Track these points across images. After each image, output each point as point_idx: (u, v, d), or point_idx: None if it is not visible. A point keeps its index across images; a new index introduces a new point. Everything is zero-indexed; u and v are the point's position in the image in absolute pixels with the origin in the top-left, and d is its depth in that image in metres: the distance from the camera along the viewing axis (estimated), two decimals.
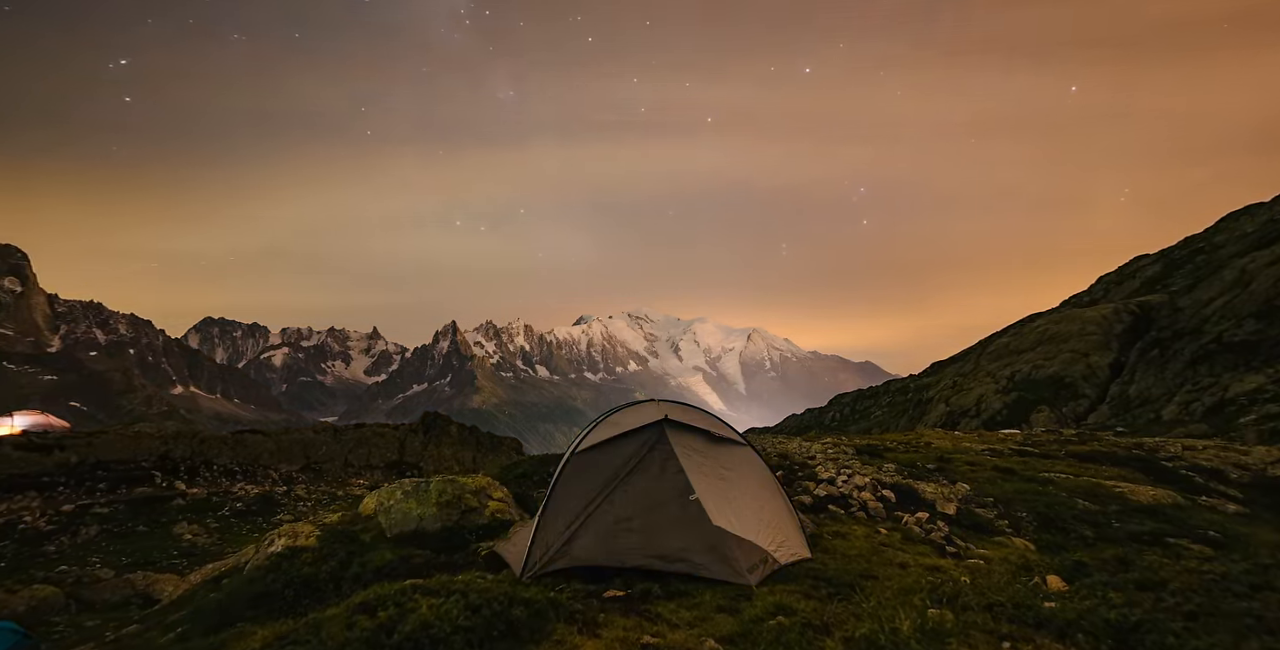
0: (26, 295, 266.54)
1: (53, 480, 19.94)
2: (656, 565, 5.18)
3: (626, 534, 5.31)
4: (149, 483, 21.31)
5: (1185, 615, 3.44)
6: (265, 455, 28.31)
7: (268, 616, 5.17)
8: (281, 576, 5.81)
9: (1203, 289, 35.15)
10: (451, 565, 6.01)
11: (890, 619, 3.85)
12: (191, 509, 17.97)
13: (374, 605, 4.21)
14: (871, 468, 10.13)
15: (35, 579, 10.95)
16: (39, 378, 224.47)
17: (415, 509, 7.40)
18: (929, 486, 8.91)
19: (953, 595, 4.23)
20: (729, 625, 4.19)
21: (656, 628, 4.24)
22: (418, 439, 36.21)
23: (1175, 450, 13.37)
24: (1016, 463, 11.79)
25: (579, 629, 4.17)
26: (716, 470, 5.84)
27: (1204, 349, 28.66)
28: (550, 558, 5.31)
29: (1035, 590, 4.31)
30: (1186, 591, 3.67)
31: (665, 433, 5.75)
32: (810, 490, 8.74)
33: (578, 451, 5.84)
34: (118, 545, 14.29)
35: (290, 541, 7.12)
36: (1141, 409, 27.48)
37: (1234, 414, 21.78)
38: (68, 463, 21.49)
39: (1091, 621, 3.55)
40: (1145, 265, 50.44)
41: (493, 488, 8.19)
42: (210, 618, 5.56)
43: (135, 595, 10.24)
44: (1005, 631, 3.74)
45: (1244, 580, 3.70)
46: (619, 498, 5.45)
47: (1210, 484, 10.63)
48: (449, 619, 3.94)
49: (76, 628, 8.44)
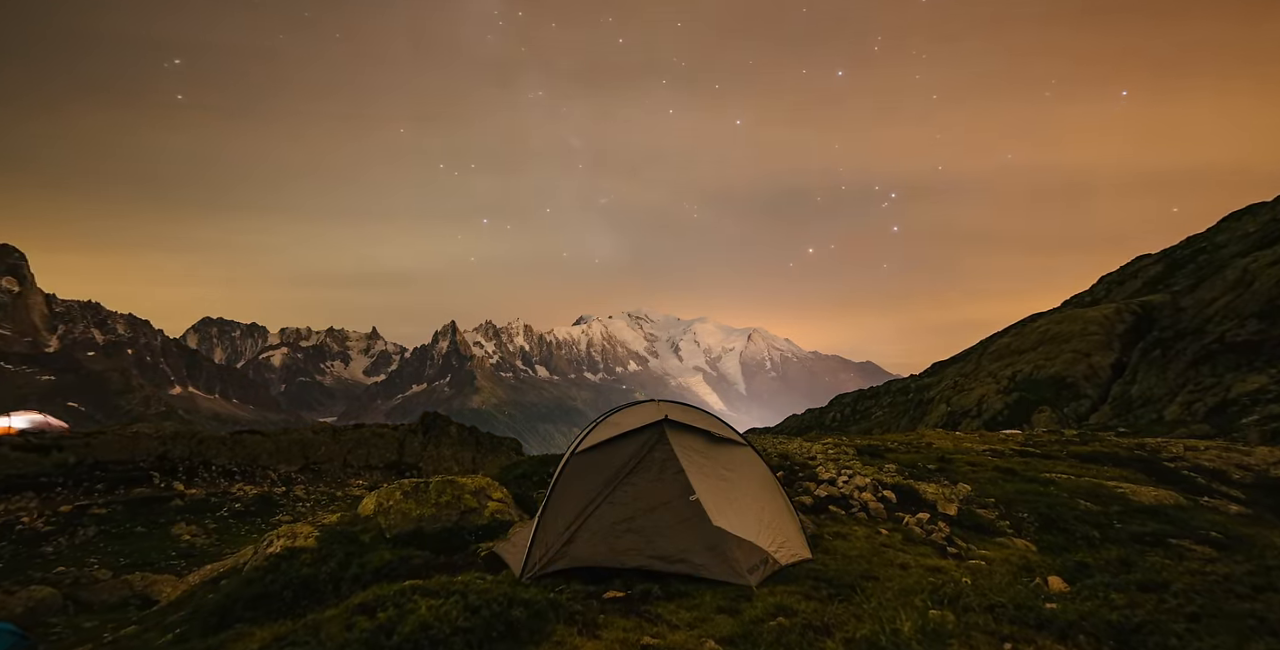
0: (24, 295, 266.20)
1: (50, 481, 19.88)
2: (656, 566, 5.15)
3: (626, 535, 5.29)
4: (147, 483, 21.26)
5: (1188, 617, 3.43)
6: (264, 456, 28.25)
7: (266, 617, 5.15)
8: (280, 577, 5.78)
9: (1205, 289, 35.08)
10: (451, 566, 5.99)
11: (891, 620, 3.84)
12: (190, 510, 17.93)
13: (373, 606, 4.19)
14: (872, 468, 10.12)
15: (33, 580, 10.91)
16: (36, 378, 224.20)
17: (414, 510, 7.38)
18: (930, 487, 8.91)
19: (954, 596, 4.22)
20: (729, 626, 4.17)
21: (656, 629, 4.22)
22: (417, 439, 36.17)
23: (1177, 451, 13.39)
24: (1018, 463, 11.80)
25: (579, 630, 4.15)
26: (717, 471, 5.82)
27: (1206, 349, 28.58)
28: (550, 558, 5.29)
29: (1037, 591, 4.30)
30: (1189, 593, 3.66)
31: (665, 433, 5.74)
32: (811, 491, 8.72)
33: (577, 452, 5.83)
34: (116, 546, 14.25)
35: (289, 542, 7.09)
36: (1143, 409, 27.42)
37: (1236, 414, 21.75)
38: (65, 463, 21.43)
39: (1093, 623, 3.54)
40: (1147, 265, 50.39)
41: (492, 488, 8.16)
42: (209, 619, 5.53)
43: (133, 596, 10.19)
44: (1007, 632, 3.72)
45: (1247, 582, 3.69)
46: (619, 498, 5.43)
47: (1213, 485, 10.66)
48: (448, 620, 3.92)
49: (74, 629, 8.40)
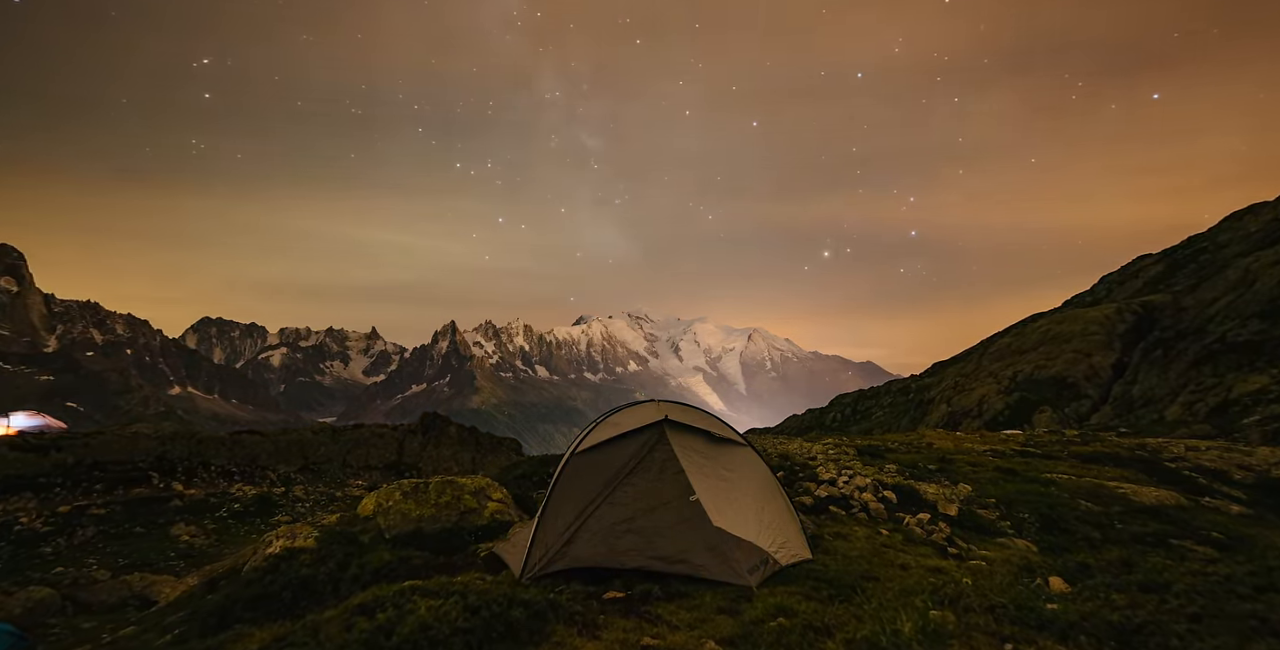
0: (23, 295, 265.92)
1: (49, 481, 19.87)
2: (656, 566, 5.14)
3: (626, 535, 5.27)
4: (146, 484, 21.25)
5: (1189, 617, 3.42)
6: (263, 456, 28.23)
7: (266, 618, 5.13)
8: (279, 578, 5.77)
9: (1206, 289, 34.94)
10: (450, 567, 5.98)
11: (892, 621, 3.83)
12: (189, 510, 17.91)
13: (372, 607, 4.18)
14: (873, 468, 10.12)
15: (31, 581, 10.89)
16: (35, 378, 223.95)
17: (414, 510, 7.37)
18: (930, 487, 8.90)
19: (954, 597, 4.21)
20: (729, 627, 4.16)
21: (656, 629, 4.21)
22: (416, 440, 36.16)
23: (1179, 451, 13.38)
24: (1019, 463, 11.79)
25: (579, 631, 4.14)
26: (717, 471, 5.81)
27: (1208, 349, 28.45)
28: (550, 559, 5.27)
29: (1038, 592, 4.29)
30: (1190, 593, 3.66)
31: (665, 433, 5.72)
32: (811, 491, 8.71)
33: (577, 452, 5.81)
34: (114, 546, 14.23)
35: (288, 543, 7.08)
36: (1145, 410, 27.30)
37: (1238, 415, 21.65)
38: (64, 463, 21.41)
39: (1094, 623, 3.53)
40: (1148, 265, 50.02)
41: (492, 488, 8.15)
42: (208, 620, 5.52)
43: (132, 597, 10.17)
44: (1007, 633, 3.71)
45: (1248, 582, 3.68)
46: (619, 499, 5.42)
47: (1214, 485, 10.64)
48: (448, 621, 3.91)
49: (73, 630, 8.38)
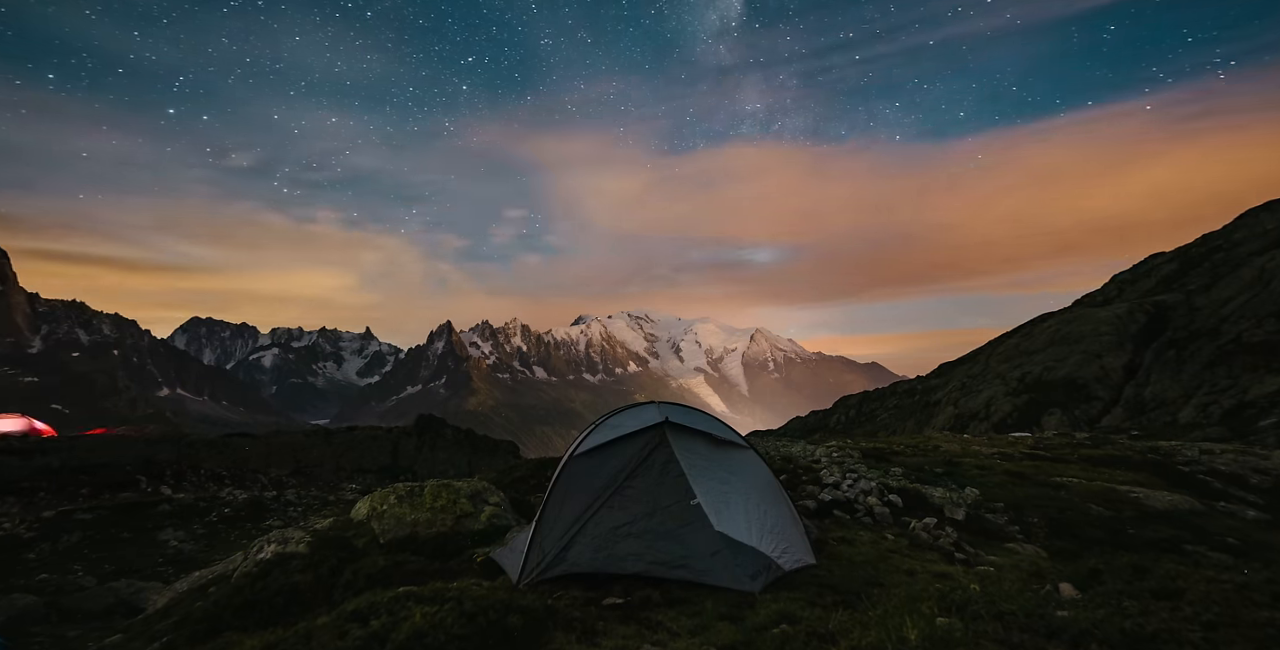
0: (6, 294, 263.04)
1: (33, 485, 19.56)
2: (657, 572, 5.05)
3: (626, 539, 5.19)
4: (133, 488, 20.95)
5: (1204, 625, 3.35)
6: (254, 459, 27.94)
7: (257, 625, 5.02)
8: (271, 584, 5.67)
9: (1221, 288, 34.49)
10: (446, 572, 5.87)
11: (897, 628, 3.75)
12: (177, 515, 17.64)
13: (366, 613, 4.09)
14: (878, 472, 10.04)
15: (14, 588, 10.65)
16: (19, 379, 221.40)
17: (409, 514, 7.26)
18: (937, 491, 8.82)
19: (962, 603, 4.13)
20: (731, 633, 4.07)
21: (657, 636, 4.13)
22: (411, 442, 35.91)
23: (1193, 454, 13.17)
24: (1028, 467, 11.70)
25: (577, 638, 4.05)
26: (719, 474, 5.73)
27: (1222, 350, 28.07)
28: (548, 564, 5.18)
29: (1048, 598, 4.21)
30: (1205, 600, 3.59)
31: (666, 436, 5.65)
32: (815, 495, 8.63)
33: (576, 455, 5.74)
34: (101, 552, 13.96)
35: (280, 548, 6.99)
36: (1157, 412, 26.87)
37: (1254, 417, 21.25)
38: (49, 467, 21.10)
39: (1106, 631, 3.46)
40: (1161, 263, 48.96)
41: (488, 492, 8.05)
42: (197, 627, 5.40)
43: (119, 604, 9.96)
44: (1017, 641, 3.64)
45: (1265, 589, 3.62)
46: (618, 502, 5.34)
47: (1229, 489, 10.51)
48: (443, 627, 3.82)
49: (57, 638, 8.19)
